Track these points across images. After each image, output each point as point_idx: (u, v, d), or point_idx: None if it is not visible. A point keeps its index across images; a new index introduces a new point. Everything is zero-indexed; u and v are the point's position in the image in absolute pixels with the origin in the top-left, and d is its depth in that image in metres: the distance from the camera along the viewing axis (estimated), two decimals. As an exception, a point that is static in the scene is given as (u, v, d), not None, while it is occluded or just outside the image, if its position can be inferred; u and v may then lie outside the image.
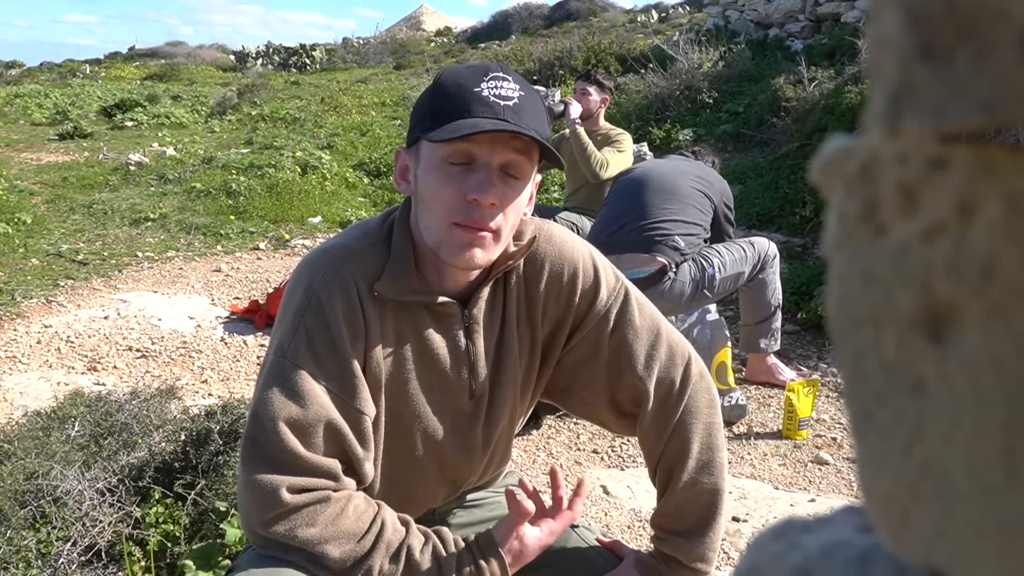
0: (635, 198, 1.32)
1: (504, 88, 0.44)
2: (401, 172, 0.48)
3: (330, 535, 0.43)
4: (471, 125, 0.43)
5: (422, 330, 0.48)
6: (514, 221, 0.47)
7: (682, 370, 0.52)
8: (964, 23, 0.08)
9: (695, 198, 1.32)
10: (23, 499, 0.77)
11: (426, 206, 0.46)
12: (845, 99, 2.43)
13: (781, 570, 0.11)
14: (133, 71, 8.73)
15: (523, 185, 0.46)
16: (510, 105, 0.44)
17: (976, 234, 0.08)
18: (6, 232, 2.41)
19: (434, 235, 0.45)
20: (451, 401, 0.50)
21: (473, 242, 0.44)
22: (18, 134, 4.55)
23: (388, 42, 9.97)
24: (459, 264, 0.46)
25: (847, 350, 0.10)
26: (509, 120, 0.43)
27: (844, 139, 0.10)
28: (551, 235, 0.51)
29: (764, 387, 1.44)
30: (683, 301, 1.28)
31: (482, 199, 0.44)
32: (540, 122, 0.45)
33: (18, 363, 1.50)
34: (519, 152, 0.45)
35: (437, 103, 0.45)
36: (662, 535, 0.52)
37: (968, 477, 0.09)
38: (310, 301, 0.46)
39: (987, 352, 0.08)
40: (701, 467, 0.51)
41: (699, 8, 6.06)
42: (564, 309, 0.51)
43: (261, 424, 0.44)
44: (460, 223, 0.44)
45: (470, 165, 0.44)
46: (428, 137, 0.44)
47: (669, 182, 1.32)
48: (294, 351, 0.45)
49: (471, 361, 0.49)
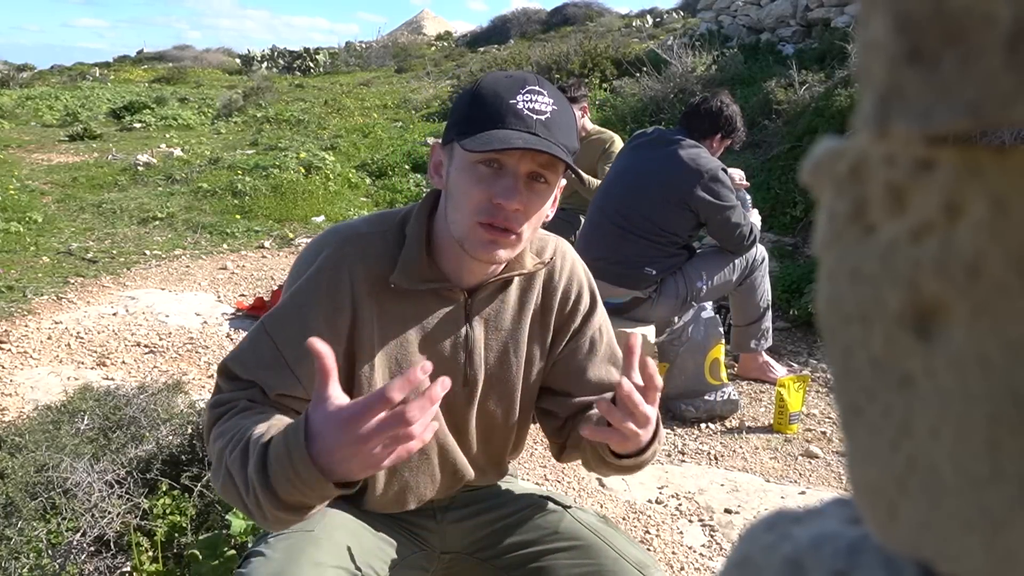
0: (602, 230, 1.29)
1: (538, 102, 0.46)
2: (435, 167, 0.50)
3: (219, 432, 0.44)
4: (502, 139, 0.44)
5: (425, 312, 0.50)
6: (536, 225, 0.48)
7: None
8: (951, 28, 0.08)
9: (662, 212, 1.25)
10: (34, 491, 0.78)
11: (455, 202, 0.48)
12: (835, 102, 2.46)
13: (772, 560, 0.12)
14: (141, 74, 8.86)
15: (549, 191, 0.48)
16: (542, 120, 0.46)
17: (962, 234, 0.09)
18: (18, 231, 2.43)
19: (460, 230, 0.47)
20: None
21: (497, 241, 0.46)
22: (29, 135, 4.60)
23: (390, 46, 10.10)
24: (482, 259, 0.47)
25: (837, 347, 0.10)
26: (540, 134, 0.45)
27: (834, 141, 0.10)
28: (565, 253, 0.55)
29: (756, 383, 1.45)
30: (671, 315, 1.29)
31: (507, 204, 0.46)
32: (569, 135, 0.47)
33: (29, 358, 1.52)
34: (546, 165, 0.46)
35: (474, 110, 0.46)
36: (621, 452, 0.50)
37: (954, 470, 0.09)
38: (299, 277, 0.48)
39: (973, 349, 0.09)
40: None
41: (693, 13, 6.09)
42: (565, 322, 0.54)
43: (223, 366, 0.47)
44: (484, 222, 0.46)
45: (499, 170, 0.46)
46: (462, 144, 0.46)
47: (637, 200, 1.26)
48: (271, 316, 0.48)
49: (468, 348, 0.51)
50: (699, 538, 0.99)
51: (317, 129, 4.39)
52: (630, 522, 1.02)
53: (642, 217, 1.27)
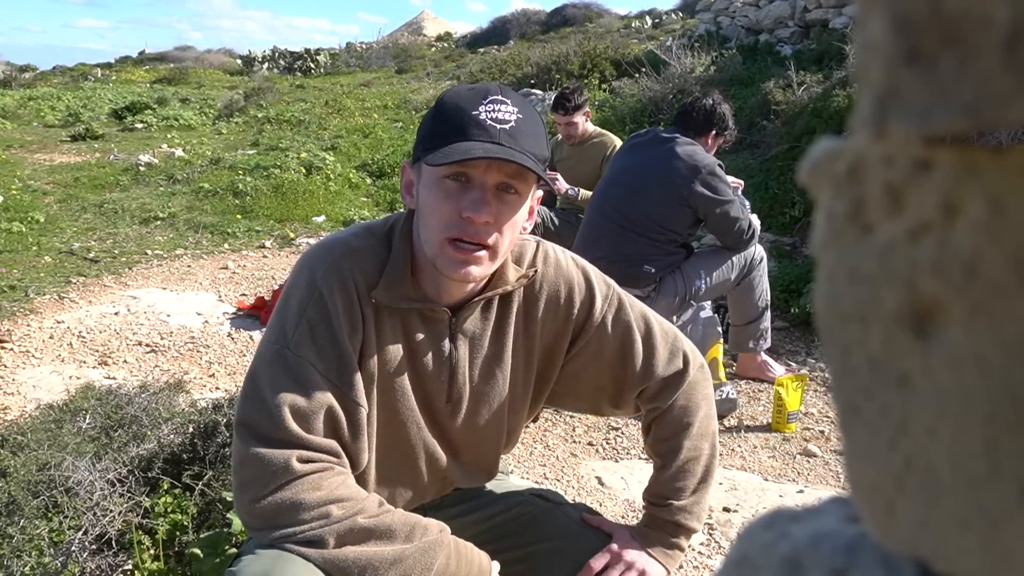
0: (601, 230, 1.29)
1: (502, 111, 0.45)
2: (406, 187, 0.50)
3: (335, 497, 0.44)
4: (465, 150, 0.44)
5: (412, 331, 0.50)
6: (511, 237, 0.48)
7: (678, 353, 0.55)
8: (948, 29, 0.08)
9: (660, 210, 1.26)
10: (36, 489, 0.78)
11: (424, 221, 0.47)
12: (833, 103, 2.46)
13: (771, 559, 0.12)
14: (143, 75, 8.87)
15: (521, 202, 0.47)
16: (506, 129, 0.45)
17: (960, 234, 0.09)
18: (20, 231, 2.44)
19: (431, 249, 0.47)
20: (431, 401, 0.51)
21: (468, 260, 0.46)
22: (32, 136, 4.61)
23: (390, 47, 10.07)
24: (455, 278, 0.47)
25: (835, 346, 0.10)
26: (504, 143, 0.44)
27: (832, 141, 0.10)
28: (546, 255, 0.54)
29: (754, 382, 1.45)
30: (669, 313, 1.28)
31: (476, 217, 0.45)
32: (537, 143, 0.46)
33: (31, 357, 1.53)
34: (513, 175, 0.46)
35: (437, 124, 0.46)
36: (661, 502, 0.54)
37: (952, 469, 0.09)
38: (312, 295, 0.47)
39: (970, 348, 0.09)
40: (700, 435, 0.54)
41: (692, 14, 6.08)
42: (563, 322, 0.54)
43: (266, 410, 0.45)
44: (455, 238, 0.45)
45: (467, 183, 0.45)
46: (425, 160, 0.45)
47: (636, 199, 1.27)
48: (297, 342, 0.46)
49: (452, 366, 0.51)
50: (697, 536, 0.98)
51: (318, 129, 4.39)
52: (629, 519, 1.03)
53: (642, 215, 1.27)
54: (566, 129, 1.76)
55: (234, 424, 0.46)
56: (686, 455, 0.53)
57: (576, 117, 1.75)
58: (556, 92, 2.13)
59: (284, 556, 0.43)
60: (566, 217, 1.75)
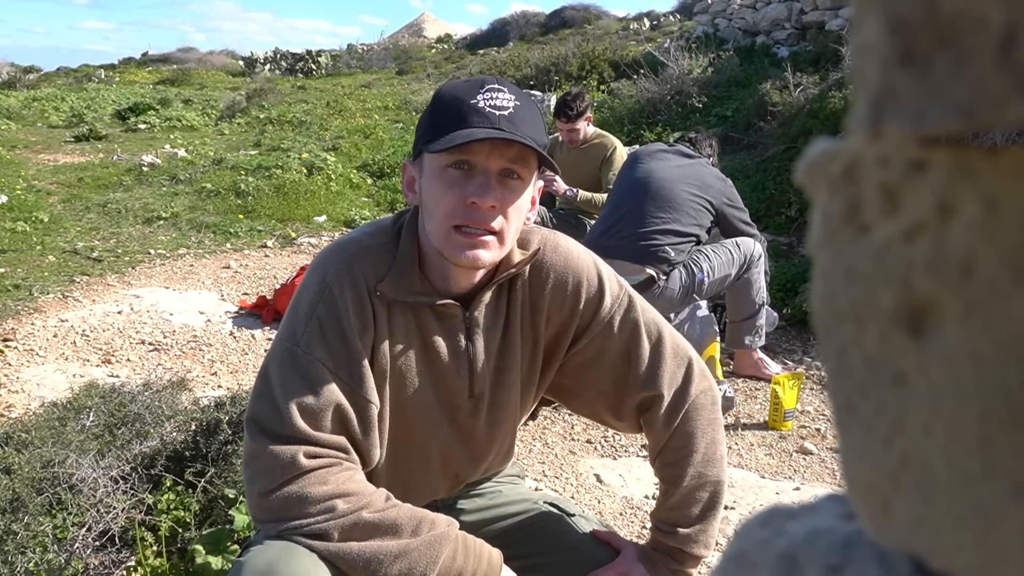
0: (631, 203, 1.33)
1: (499, 99, 0.45)
2: (408, 184, 0.50)
3: (341, 491, 0.44)
4: (466, 135, 0.44)
5: (426, 329, 0.49)
6: (517, 224, 0.48)
7: (684, 370, 0.53)
8: (944, 31, 0.08)
9: (690, 207, 1.33)
10: (40, 486, 0.79)
11: (429, 212, 0.47)
12: (829, 104, 2.49)
13: (767, 555, 0.12)
14: (146, 76, 8.88)
15: (524, 187, 0.47)
16: (505, 115, 0.45)
17: (955, 233, 0.09)
18: (24, 230, 2.45)
19: (437, 238, 0.47)
20: (451, 398, 0.51)
21: (475, 244, 0.46)
22: (36, 136, 4.63)
23: (391, 48, 10.05)
24: (463, 264, 0.47)
25: (831, 345, 0.10)
26: (504, 129, 0.45)
27: (828, 142, 0.11)
28: (556, 244, 0.53)
29: (751, 380, 1.46)
30: (673, 305, 1.31)
31: (481, 202, 0.45)
32: (536, 129, 0.46)
33: (35, 356, 1.53)
34: (515, 159, 0.46)
35: (436, 117, 0.46)
36: (666, 528, 0.53)
37: (947, 467, 0.09)
38: (323, 294, 0.47)
39: (965, 347, 0.09)
40: (706, 462, 0.52)
41: (689, 16, 6.08)
42: (568, 315, 0.53)
43: (276, 407, 0.45)
44: (460, 224, 0.45)
45: (470, 171, 0.46)
46: (428, 149, 0.45)
47: (666, 189, 1.33)
48: (307, 340, 0.46)
49: (471, 361, 0.51)
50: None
51: (319, 130, 4.39)
52: (627, 518, 1.03)
53: (673, 206, 1.32)
54: (568, 135, 1.78)
55: (245, 420, 0.46)
56: (691, 482, 0.52)
57: (579, 124, 1.76)
58: (557, 95, 2.13)
59: (291, 547, 0.43)
60: (565, 218, 1.76)
